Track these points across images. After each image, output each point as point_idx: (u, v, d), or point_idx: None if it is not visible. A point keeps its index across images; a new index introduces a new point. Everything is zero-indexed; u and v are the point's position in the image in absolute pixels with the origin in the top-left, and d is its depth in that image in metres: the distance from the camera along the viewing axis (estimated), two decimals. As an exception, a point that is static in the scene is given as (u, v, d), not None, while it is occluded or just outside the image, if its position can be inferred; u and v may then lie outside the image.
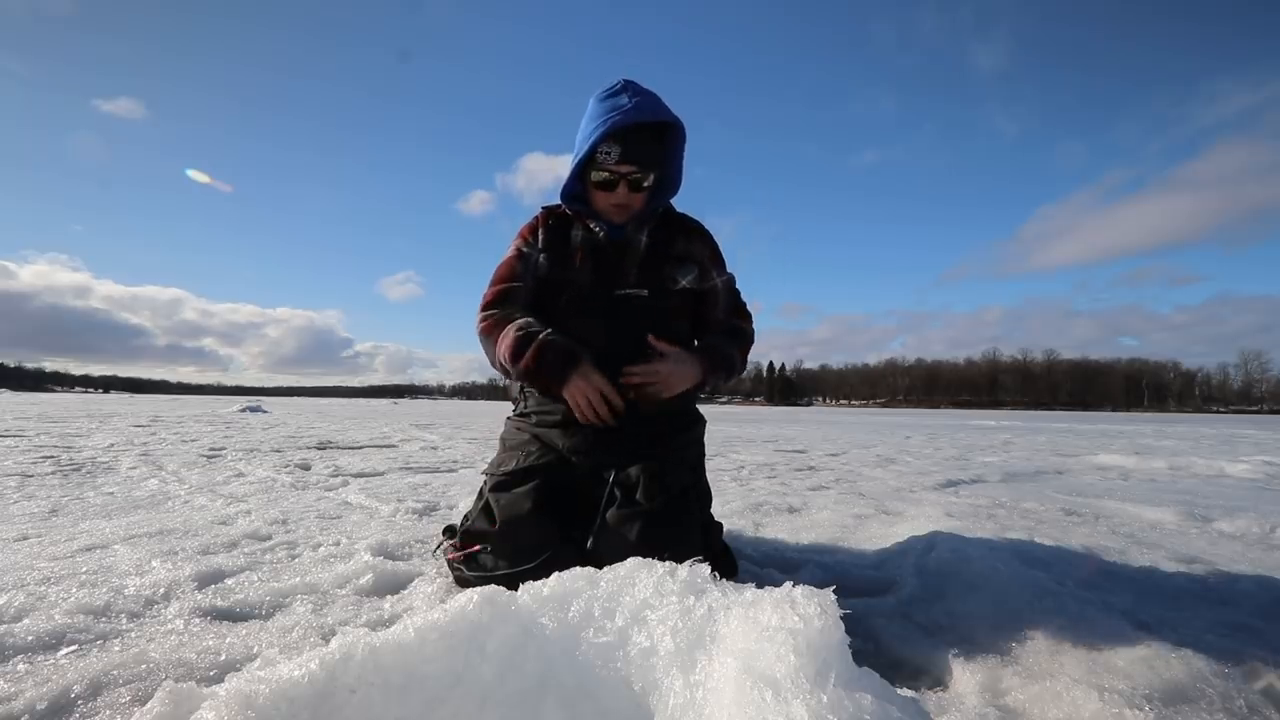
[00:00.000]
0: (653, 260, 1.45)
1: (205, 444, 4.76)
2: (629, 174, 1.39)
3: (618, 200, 1.41)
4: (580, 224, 1.49)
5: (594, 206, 1.46)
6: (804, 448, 5.70)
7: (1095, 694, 0.84)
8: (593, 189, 1.43)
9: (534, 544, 1.19)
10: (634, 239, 1.46)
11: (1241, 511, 2.44)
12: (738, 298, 1.59)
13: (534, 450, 1.37)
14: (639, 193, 1.43)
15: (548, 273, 1.45)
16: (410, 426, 8.17)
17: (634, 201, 1.43)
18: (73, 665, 0.90)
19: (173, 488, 2.63)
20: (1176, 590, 1.40)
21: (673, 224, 1.53)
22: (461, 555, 1.28)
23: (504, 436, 1.49)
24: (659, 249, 1.47)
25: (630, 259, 1.44)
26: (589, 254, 1.45)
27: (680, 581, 0.73)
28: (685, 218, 1.58)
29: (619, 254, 1.44)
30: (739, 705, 0.56)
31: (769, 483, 3.22)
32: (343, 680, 0.61)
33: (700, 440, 1.52)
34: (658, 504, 1.21)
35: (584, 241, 1.47)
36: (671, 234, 1.50)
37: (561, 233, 1.49)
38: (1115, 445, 6.82)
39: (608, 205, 1.43)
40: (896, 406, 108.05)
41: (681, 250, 1.49)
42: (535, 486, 1.28)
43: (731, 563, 1.38)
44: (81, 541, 1.63)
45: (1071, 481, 3.56)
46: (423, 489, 2.73)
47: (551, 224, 1.50)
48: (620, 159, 1.37)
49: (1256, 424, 19.09)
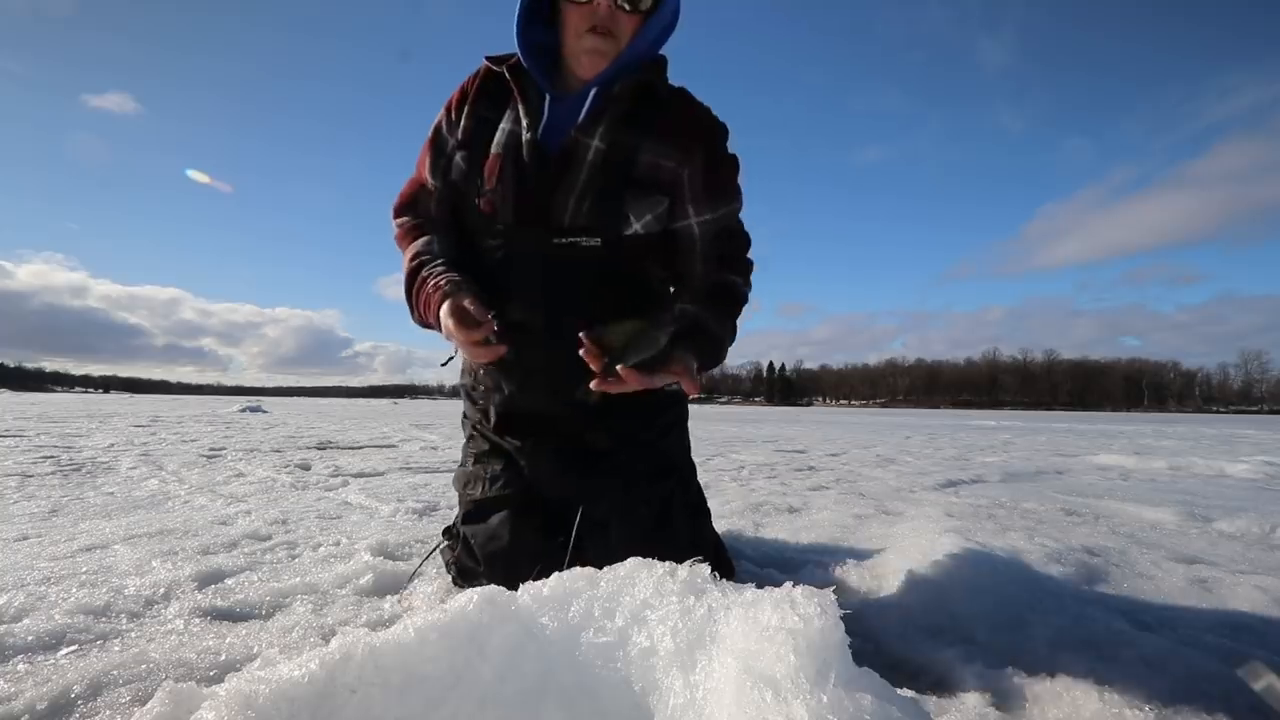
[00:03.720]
0: (607, 181, 1.00)
1: (205, 444, 4.76)
2: None
3: (598, 20, 0.96)
4: (515, 102, 1.04)
5: (563, 54, 1.03)
6: (804, 448, 5.70)
7: (1095, 694, 0.84)
8: (564, 9, 0.98)
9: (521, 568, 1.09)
10: (580, 145, 1.01)
11: (1241, 512, 2.44)
12: (729, 240, 1.10)
13: (499, 474, 1.19)
14: (631, 15, 0.97)
15: (464, 184, 1.07)
16: (410, 426, 8.17)
17: (619, 29, 0.98)
18: (73, 665, 0.90)
19: (173, 488, 2.62)
20: (1176, 590, 1.40)
21: (652, 112, 1.03)
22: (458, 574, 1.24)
23: (464, 418, 1.31)
24: (620, 162, 1.01)
25: (570, 180, 1.01)
26: (510, 170, 1.02)
27: (680, 581, 0.73)
28: (677, 98, 1.08)
29: (558, 172, 1.01)
30: (739, 705, 0.56)
31: (769, 483, 3.22)
32: (343, 680, 0.61)
33: (681, 424, 1.26)
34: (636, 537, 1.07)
35: (505, 145, 1.03)
36: (643, 133, 1.02)
37: (488, 121, 1.06)
38: (1115, 445, 6.82)
39: (579, 39, 0.98)
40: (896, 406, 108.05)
41: (649, 165, 1.02)
42: (508, 515, 1.15)
43: (728, 565, 1.37)
44: (81, 541, 1.63)
45: (1071, 481, 3.56)
46: (423, 489, 2.73)
47: (485, 97, 1.07)
48: None
49: (1256, 424, 19.09)
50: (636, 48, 1.00)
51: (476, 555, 1.18)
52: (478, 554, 1.18)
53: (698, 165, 1.03)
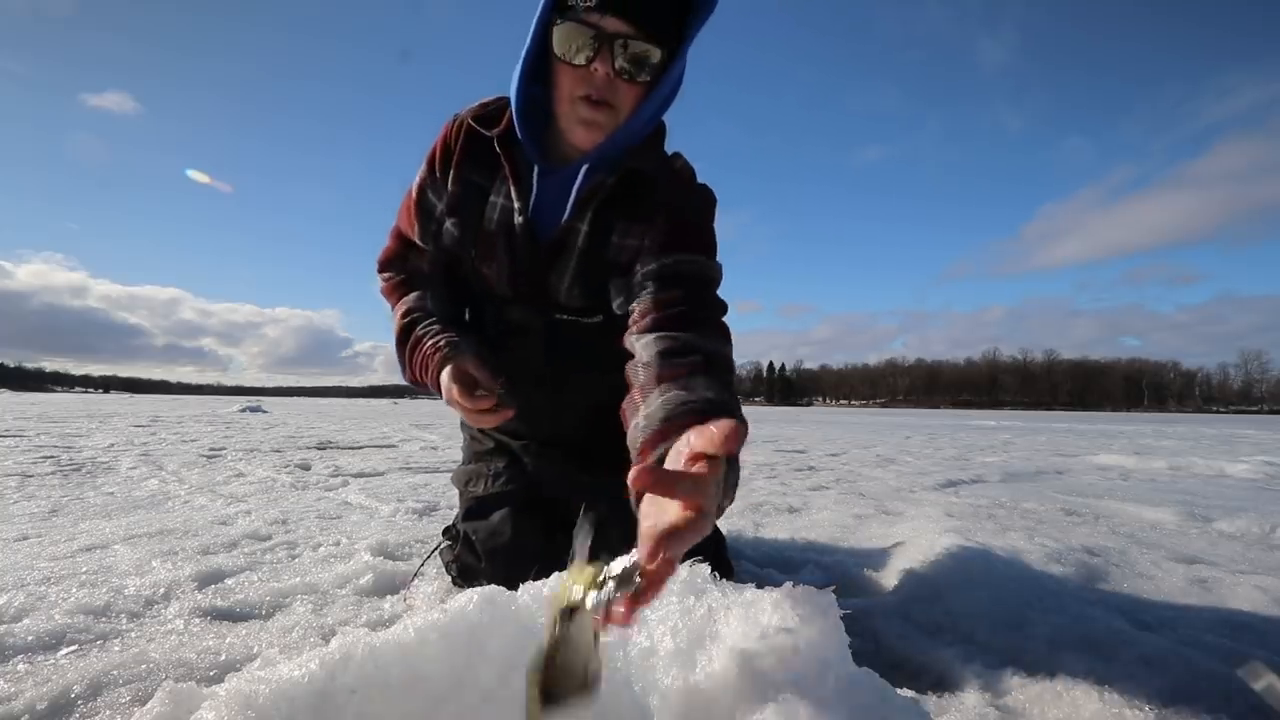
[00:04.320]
0: (592, 266, 1.00)
1: (205, 444, 4.76)
2: (619, 33, 0.84)
3: (594, 88, 0.88)
4: (504, 174, 0.99)
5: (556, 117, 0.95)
6: (804, 448, 5.70)
7: (1095, 694, 0.84)
8: (556, 72, 0.89)
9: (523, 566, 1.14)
10: (571, 231, 0.98)
11: (1241, 512, 2.44)
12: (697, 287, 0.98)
13: (501, 467, 1.21)
14: (631, 84, 0.89)
15: (456, 248, 1.06)
16: (410, 426, 8.17)
17: (618, 99, 0.89)
18: (73, 665, 0.90)
19: (173, 488, 2.62)
20: (1176, 590, 1.40)
21: (632, 193, 0.97)
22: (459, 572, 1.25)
23: (463, 426, 1.30)
24: (598, 245, 0.99)
25: (562, 265, 1.01)
26: (504, 248, 1.01)
27: (680, 581, 0.73)
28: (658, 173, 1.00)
29: (549, 257, 1.01)
30: (739, 705, 0.56)
31: (769, 483, 3.22)
32: (343, 680, 0.61)
33: None
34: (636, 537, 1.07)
35: (500, 221, 1.01)
36: (617, 214, 0.98)
37: (477, 189, 1.02)
38: (1115, 445, 6.82)
39: (573, 106, 0.90)
40: (896, 406, 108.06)
41: (617, 246, 0.99)
42: (509, 513, 1.16)
43: (727, 565, 1.36)
44: (81, 541, 1.63)
45: (1071, 481, 3.56)
46: (423, 489, 2.73)
47: (469, 160, 1.02)
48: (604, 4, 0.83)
49: (1256, 424, 19.09)
50: (633, 126, 0.92)
51: (478, 551, 1.19)
52: (479, 550, 1.19)
53: (659, 229, 0.96)
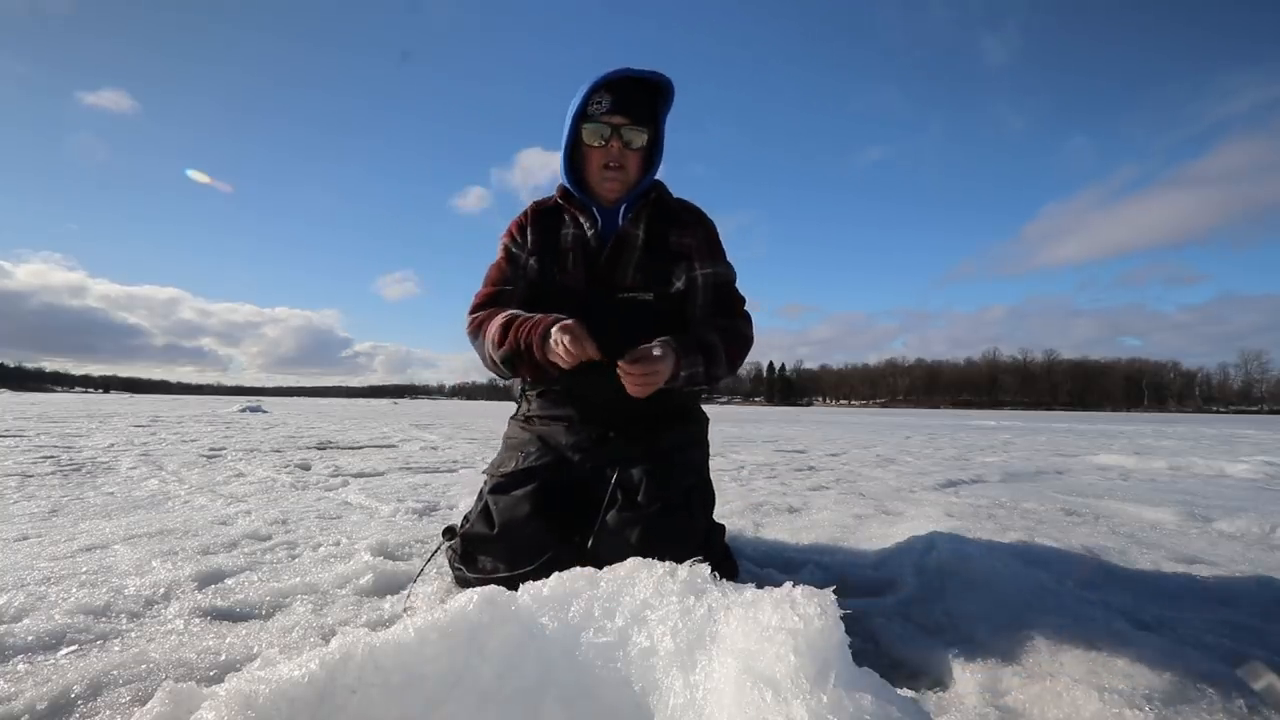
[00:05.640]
0: (651, 258, 1.40)
1: (205, 444, 4.76)
2: (621, 125, 1.34)
3: (611, 159, 1.36)
4: (570, 217, 1.44)
5: (588, 181, 1.41)
6: (804, 448, 5.70)
7: (1095, 694, 0.84)
8: (586, 153, 1.38)
9: (533, 546, 1.19)
10: (630, 234, 1.41)
11: (1241, 512, 2.44)
12: (727, 294, 1.46)
13: (534, 451, 1.36)
14: (633, 153, 1.37)
15: (539, 275, 1.42)
16: (410, 426, 8.17)
17: (629, 163, 1.38)
18: (73, 665, 0.90)
19: (173, 488, 2.63)
20: (1176, 590, 1.40)
21: (669, 214, 1.47)
22: (460, 556, 1.28)
23: (506, 436, 1.48)
24: (657, 245, 1.41)
25: (627, 257, 1.40)
26: (580, 254, 1.40)
27: (680, 582, 0.73)
28: (681, 205, 1.52)
29: (615, 252, 1.40)
30: (739, 705, 0.56)
31: (769, 483, 3.22)
32: (343, 680, 0.61)
33: (704, 440, 1.50)
34: (658, 508, 1.19)
35: (574, 241, 1.42)
36: (667, 225, 1.44)
37: (551, 232, 1.44)
38: (1115, 445, 6.82)
39: (601, 172, 1.37)
40: (896, 406, 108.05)
41: (675, 244, 1.43)
42: (534, 489, 1.26)
43: (732, 566, 1.38)
44: (81, 541, 1.63)
45: (1071, 481, 3.56)
46: (423, 489, 2.73)
47: (540, 221, 1.45)
48: (612, 108, 1.33)
49: (1256, 424, 19.09)
50: (640, 179, 1.42)
51: (494, 520, 1.25)
52: (495, 519, 1.25)
53: (700, 240, 1.46)
